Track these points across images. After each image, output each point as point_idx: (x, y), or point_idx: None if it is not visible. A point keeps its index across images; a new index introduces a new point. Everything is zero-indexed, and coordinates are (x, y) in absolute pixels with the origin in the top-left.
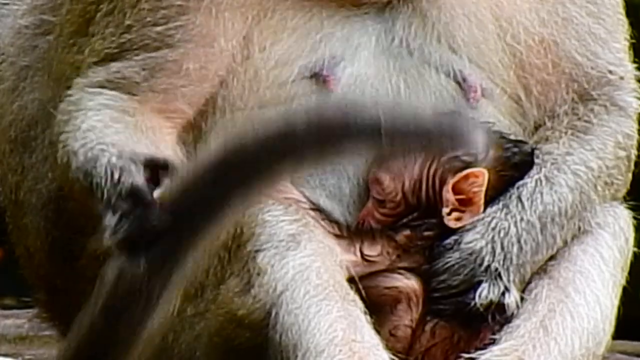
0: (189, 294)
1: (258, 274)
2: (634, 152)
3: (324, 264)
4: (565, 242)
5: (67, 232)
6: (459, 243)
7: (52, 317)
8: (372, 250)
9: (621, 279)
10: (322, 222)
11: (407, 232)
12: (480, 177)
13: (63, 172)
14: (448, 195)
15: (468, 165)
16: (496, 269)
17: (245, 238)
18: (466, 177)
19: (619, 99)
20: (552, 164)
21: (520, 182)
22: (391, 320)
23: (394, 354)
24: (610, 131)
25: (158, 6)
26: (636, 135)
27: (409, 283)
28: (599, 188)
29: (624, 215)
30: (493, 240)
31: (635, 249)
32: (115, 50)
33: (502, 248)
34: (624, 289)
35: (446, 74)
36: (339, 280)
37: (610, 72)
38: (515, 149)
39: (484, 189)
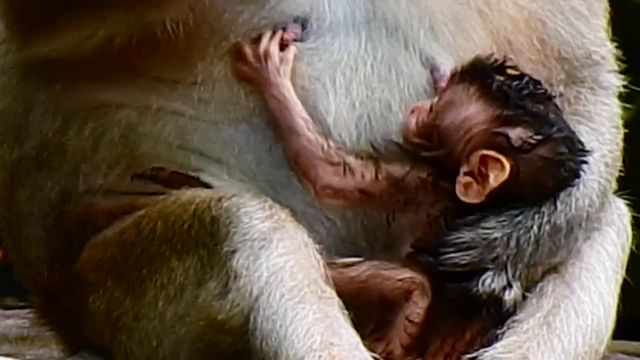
0: (169, 295)
1: (234, 278)
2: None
3: (298, 262)
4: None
5: (66, 239)
6: (478, 224)
7: (49, 320)
8: (373, 186)
9: (620, 276)
10: (320, 148)
11: (423, 173)
12: (501, 168)
13: None
14: (474, 159)
15: (510, 149)
16: (504, 262)
17: (221, 237)
18: (495, 158)
19: (603, 79)
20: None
21: None
22: (407, 308)
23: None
24: (607, 115)
25: None
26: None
27: (418, 275)
28: (612, 180)
29: (626, 212)
30: (510, 235)
31: (633, 248)
32: None
33: (517, 244)
34: (626, 288)
35: (420, 58)
36: (314, 278)
37: (594, 52)
38: (570, 158)
39: (500, 180)
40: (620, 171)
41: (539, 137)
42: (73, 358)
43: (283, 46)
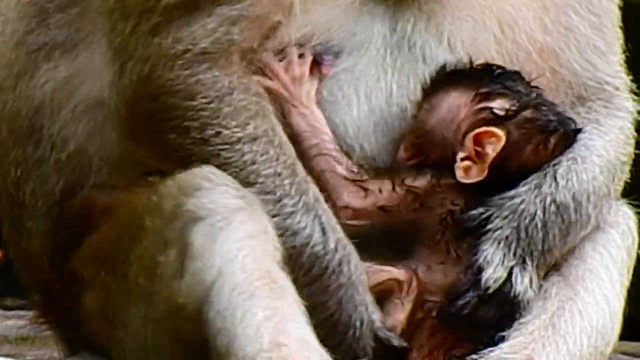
0: (151, 278)
1: (191, 256)
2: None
3: (253, 250)
4: (597, 227)
5: (68, 235)
6: (485, 227)
7: (49, 320)
8: (390, 200)
9: (626, 280)
10: (344, 167)
11: (428, 176)
12: (496, 138)
13: None
14: (468, 142)
15: (497, 119)
16: (522, 256)
17: (189, 201)
18: (487, 132)
19: (616, 102)
20: (581, 145)
21: (555, 161)
22: (390, 308)
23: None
24: (616, 124)
25: None
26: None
27: (402, 273)
28: (615, 180)
29: (631, 215)
30: (518, 227)
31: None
32: (190, 6)
33: (527, 234)
34: (626, 290)
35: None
36: (266, 269)
37: (607, 82)
38: (554, 118)
39: (497, 149)
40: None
41: (519, 104)
42: (73, 358)
43: (312, 70)
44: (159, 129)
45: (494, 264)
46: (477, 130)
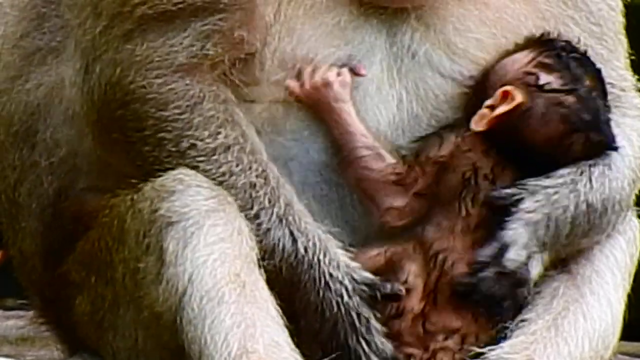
0: (136, 281)
1: (166, 263)
2: None
3: (223, 253)
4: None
5: (61, 236)
6: (516, 206)
7: (48, 321)
8: (421, 182)
9: (628, 284)
10: (381, 170)
11: (453, 138)
12: (511, 103)
13: None
14: (497, 93)
15: (534, 87)
16: (543, 244)
17: (164, 204)
18: (511, 92)
19: (624, 101)
20: (617, 154)
21: (592, 162)
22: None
23: None
24: (631, 124)
25: None
26: None
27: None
28: (634, 191)
29: (637, 224)
30: (550, 215)
31: None
32: (166, 18)
33: (556, 225)
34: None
35: (445, 76)
36: (235, 272)
37: (612, 85)
38: (589, 119)
39: (502, 109)
40: None
41: (565, 87)
42: (73, 359)
43: (339, 73)
44: (131, 138)
45: (519, 245)
46: (507, 88)
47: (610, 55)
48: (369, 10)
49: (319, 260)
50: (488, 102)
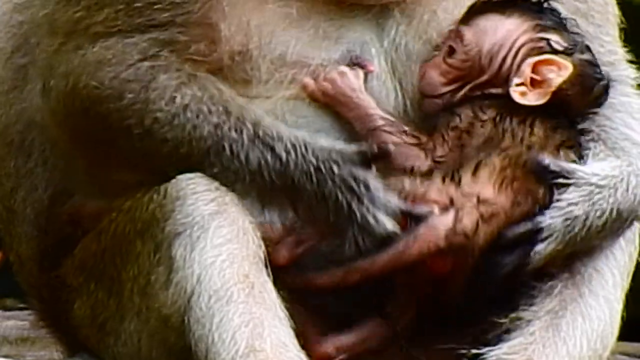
0: (140, 288)
1: (174, 268)
2: None
3: (230, 254)
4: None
5: (57, 241)
6: (560, 197)
7: (47, 322)
8: (440, 150)
9: (626, 284)
10: (395, 133)
11: (468, 110)
12: (563, 69)
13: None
14: (527, 68)
15: (554, 52)
16: (573, 241)
17: (168, 215)
18: (550, 61)
19: (613, 74)
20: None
21: (631, 170)
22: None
23: None
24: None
25: None
26: None
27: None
28: None
29: (636, 224)
30: (588, 214)
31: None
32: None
33: (590, 226)
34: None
35: None
36: (244, 273)
37: (602, 62)
38: (596, 74)
39: (559, 80)
40: None
41: (574, 44)
42: (73, 359)
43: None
44: (105, 140)
45: (552, 237)
46: (538, 58)
47: (597, 30)
48: (357, 10)
49: (302, 154)
50: (517, 79)
